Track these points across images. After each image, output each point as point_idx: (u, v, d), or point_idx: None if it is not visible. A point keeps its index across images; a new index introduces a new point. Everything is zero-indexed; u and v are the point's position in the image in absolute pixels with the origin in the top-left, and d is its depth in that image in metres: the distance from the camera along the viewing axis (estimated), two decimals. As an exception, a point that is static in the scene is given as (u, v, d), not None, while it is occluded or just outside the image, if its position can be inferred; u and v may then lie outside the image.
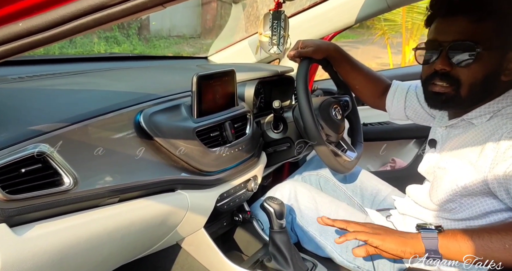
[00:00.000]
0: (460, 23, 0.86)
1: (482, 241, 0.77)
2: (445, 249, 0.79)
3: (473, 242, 0.77)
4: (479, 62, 0.87)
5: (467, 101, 0.92)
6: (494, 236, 0.77)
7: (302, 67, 1.15)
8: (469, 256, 0.76)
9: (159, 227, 0.94)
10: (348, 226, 0.90)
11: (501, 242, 0.76)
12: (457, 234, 0.80)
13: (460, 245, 0.78)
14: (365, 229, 0.87)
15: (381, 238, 0.83)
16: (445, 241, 0.80)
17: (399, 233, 0.86)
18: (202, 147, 1.01)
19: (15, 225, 0.64)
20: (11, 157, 0.65)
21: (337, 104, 1.27)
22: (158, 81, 1.17)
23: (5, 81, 0.94)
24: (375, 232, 0.85)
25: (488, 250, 0.76)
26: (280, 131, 1.28)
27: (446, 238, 0.80)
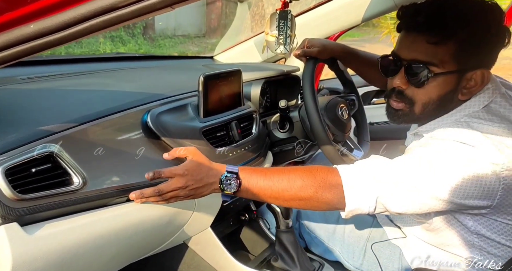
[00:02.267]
0: (420, 43, 0.86)
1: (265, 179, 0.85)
2: (244, 181, 0.85)
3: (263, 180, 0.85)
4: (434, 83, 0.87)
5: (421, 118, 0.94)
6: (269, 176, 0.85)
7: (308, 67, 1.15)
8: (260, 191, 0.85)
9: (166, 227, 0.94)
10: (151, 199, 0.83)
11: (272, 182, 0.84)
12: (255, 171, 0.87)
13: (255, 180, 0.85)
14: (176, 194, 0.83)
15: (192, 193, 0.84)
16: (243, 174, 0.85)
17: (205, 178, 0.85)
18: (209, 147, 1.01)
19: (25, 224, 0.65)
20: (21, 157, 0.66)
21: (343, 104, 1.26)
22: (164, 81, 1.17)
23: (14, 81, 0.95)
24: (186, 193, 0.83)
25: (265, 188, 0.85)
26: (286, 131, 1.28)
27: (245, 172, 0.86)
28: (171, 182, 0.82)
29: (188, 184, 0.83)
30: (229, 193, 0.85)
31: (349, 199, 0.83)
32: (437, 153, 0.81)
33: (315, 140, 1.19)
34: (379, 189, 0.82)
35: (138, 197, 0.81)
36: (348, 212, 0.85)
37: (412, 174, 0.82)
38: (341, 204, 0.85)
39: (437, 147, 0.83)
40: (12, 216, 0.62)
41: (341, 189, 0.84)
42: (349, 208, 0.84)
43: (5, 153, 0.65)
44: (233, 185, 0.85)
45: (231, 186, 0.85)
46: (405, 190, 0.81)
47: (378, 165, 0.86)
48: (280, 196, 0.86)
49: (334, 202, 0.85)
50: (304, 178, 0.85)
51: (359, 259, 1.06)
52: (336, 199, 0.84)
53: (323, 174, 0.86)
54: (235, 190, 0.84)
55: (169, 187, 0.82)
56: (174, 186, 0.82)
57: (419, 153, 0.84)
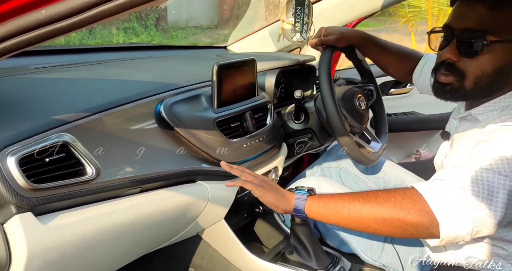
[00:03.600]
0: (477, 9, 0.80)
1: (335, 205, 0.84)
2: (308, 210, 0.87)
3: (329, 206, 0.85)
4: (488, 54, 0.80)
5: (472, 95, 0.87)
6: (340, 203, 0.84)
7: (325, 56, 1.12)
8: (327, 218, 0.87)
9: (179, 218, 0.93)
10: (242, 174, 0.93)
11: (346, 208, 0.83)
12: (322, 198, 0.88)
13: (320, 207, 0.86)
14: (254, 180, 0.91)
15: (263, 190, 0.89)
16: (310, 203, 0.86)
17: (279, 191, 0.91)
18: (223, 138, 0.99)
19: (40, 214, 0.65)
20: (35, 146, 0.65)
21: (361, 94, 1.23)
22: (178, 71, 1.15)
23: (28, 71, 0.94)
24: (261, 184, 0.90)
25: (336, 215, 0.84)
26: (302, 122, 1.26)
27: (312, 200, 0.87)
28: None
29: (263, 179, 0.93)
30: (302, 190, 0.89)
31: (442, 217, 0.73)
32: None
33: (331, 131, 1.16)
34: (471, 200, 0.74)
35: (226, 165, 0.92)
36: (444, 235, 0.75)
37: (499, 176, 0.73)
38: (434, 227, 0.74)
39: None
40: (27, 206, 0.62)
41: (428, 207, 0.75)
42: (444, 229, 0.74)
43: (19, 142, 0.64)
44: (305, 188, 0.90)
45: (304, 188, 0.90)
46: (494, 194, 0.73)
47: (460, 174, 0.77)
48: (352, 213, 0.81)
49: (424, 224, 0.75)
50: (379, 196, 0.80)
51: (377, 251, 1.04)
52: (426, 220, 0.75)
53: (400, 192, 0.79)
54: (308, 189, 0.90)
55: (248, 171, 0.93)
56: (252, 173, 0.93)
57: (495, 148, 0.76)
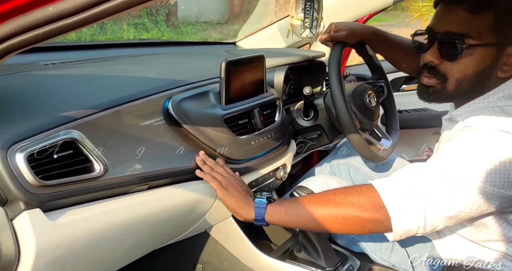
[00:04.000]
0: (457, 12, 0.81)
1: (296, 210, 0.86)
2: (269, 218, 0.89)
3: (290, 212, 0.87)
4: (469, 57, 0.82)
5: (454, 97, 0.88)
6: (301, 207, 0.86)
7: (335, 52, 1.10)
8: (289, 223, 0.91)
9: (187, 215, 0.93)
10: (211, 172, 0.92)
11: (307, 212, 0.85)
12: (282, 204, 0.89)
13: (281, 214, 0.88)
14: (222, 180, 0.91)
15: (226, 194, 0.90)
16: (270, 211, 0.88)
17: (242, 197, 0.91)
18: (231, 135, 0.99)
19: (48, 210, 0.65)
20: (43, 143, 0.65)
21: (371, 90, 1.21)
22: (186, 68, 1.15)
23: (37, 67, 0.94)
24: (226, 186, 0.91)
25: (299, 219, 0.86)
26: (311, 118, 1.25)
27: (272, 208, 0.89)
28: None
29: (231, 181, 0.92)
30: (261, 199, 0.90)
31: (393, 211, 0.77)
32: (476, 143, 0.76)
33: (340, 128, 1.15)
34: (421, 197, 0.77)
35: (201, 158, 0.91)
36: (396, 229, 0.78)
37: (454, 171, 0.76)
38: (388, 222, 0.78)
39: (474, 136, 0.77)
40: (35, 202, 0.62)
41: (380, 201, 0.79)
42: (396, 223, 0.77)
43: (28, 139, 0.64)
44: (265, 195, 0.92)
45: (264, 195, 0.91)
46: (449, 189, 0.75)
47: (415, 170, 0.81)
48: (314, 216, 0.84)
49: (380, 219, 0.79)
50: (336, 195, 0.83)
51: (387, 251, 1.03)
52: (381, 215, 0.79)
53: (357, 190, 0.83)
54: (269, 199, 0.91)
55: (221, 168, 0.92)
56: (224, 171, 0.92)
57: (453, 147, 0.79)
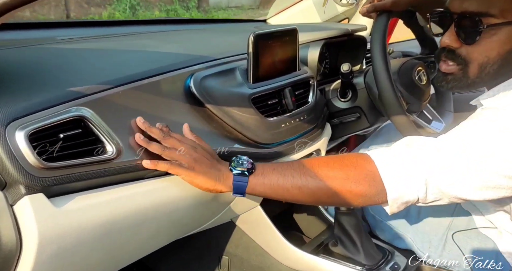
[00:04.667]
0: None
1: (284, 182, 0.74)
2: (251, 191, 0.75)
3: (276, 184, 0.75)
4: (492, 38, 0.72)
5: (478, 84, 0.79)
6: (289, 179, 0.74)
7: (380, 23, 0.97)
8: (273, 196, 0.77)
9: (210, 204, 0.85)
10: (163, 153, 0.71)
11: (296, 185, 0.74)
12: (266, 175, 0.75)
13: (265, 188, 0.75)
14: (182, 160, 0.71)
15: (193, 175, 0.71)
16: (252, 184, 0.74)
17: (213, 170, 0.74)
18: (259, 116, 0.90)
19: (53, 196, 0.58)
20: (48, 120, 0.58)
21: (421, 66, 1.07)
22: (211, 43, 1.06)
23: (53, 41, 0.88)
24: (190, 165, 0.71)
25: (285, 192, 0.75)
26: (348, 99, 1.13)
27: (255, 180, 0.75)
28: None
29: (192, 154, 0.72)
30: (240, 171, 0.74)
31: (389, 185, 0.70)
32: (498, 122, 0.67)
33: (383, 110, 1.03)
34: (426, 169, 0.69)
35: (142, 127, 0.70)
36: (392, 203, 0.72)
37: (472, 150, 0.67)
38: (381, 195, 0.72)
39: (496, 116, 0.68)
40: (38, 186, 0.55)
41: (377, 175, 0.71)
42: (391, 197, 0.71)
43: (30, 115, 0.57)
44: (245, 165, 0.75)
45: (244, 165, 0.75)
46: (465, 169, 0.67)
47: (418, 142, 0.74)
48: (303, 190, 0.74)
49: (371, 193, 0.72)
50: (329, 167, 0.74)
51: (438, 249, 0.91)
52: (374, 189, 0.72)
53: (352, 161, 0.74)
54: (249, 168, 0.74)
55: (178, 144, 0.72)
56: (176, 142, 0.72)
57: (473, 126, 0.71)
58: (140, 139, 0.69)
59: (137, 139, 0.69)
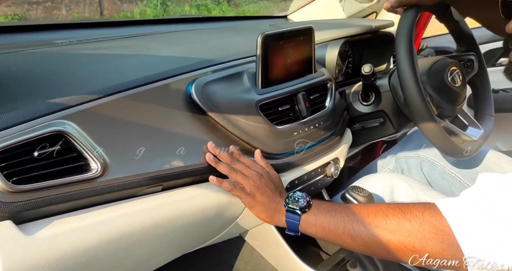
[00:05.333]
0: None
1: (335, 229, 0.70)
2: (304, 231, 0.74)
3: (327, 229, 0.71)
4: None
5: None
6: (341, 225, 0.69)
7: (406, 18, 0.86)
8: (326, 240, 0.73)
9: (214, 220, 0.78)
10: (230, 174, 0.74)
11: (348, 233, 0.69)
12: (319, 217, 0.72)
13: (317, 231, 0.72)
14: (246, 184, 0.74)
15: (252, 203, 0.74)
16: (304, 224, 0.73)
17: (271, 204, 0.75)
18: (267, 124, 0.82)
19: (25, 221, 0.54)
20: (19, 137, 0.53)
21: (455, 66, 0.95)
22: (218, 45, 0.98)
23: (49, 45, 0.84)
24: (252, 192, 0.74)
25: (337, 240, 0.71)
26: (371, 103, 1.02)
27: (307, 220, 0.73)
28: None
29: (256, 182, 0.74)
30: (293, 209, 0.73)
31: (470, 253, 0.58)
32: None
33: (410, 115, 0.92)
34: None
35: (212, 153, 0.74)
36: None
37: None
38: (457, 258, 0.60)
39: None
40: (4, 213, 0.50)
41: (451, 237, 0.59)
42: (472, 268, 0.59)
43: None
44: (300, 203, 0.74)
45: (299, 203, 0.74)
46: None
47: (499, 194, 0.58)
48: (356, 239, 0.67)
49: (443, 255, 0.61)
50: (388, 218, 0.65)
51: None
52: (447, 253, 0.60)
53: (417, 215, 0.63)
54: (302, 206, 0.73)
55: (244, 169, 0.75)
56: (244, 168, 0.75)
57: None
58: (210, 158, 0.73)
59: (208, 159, 0.72)
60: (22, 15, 4.51)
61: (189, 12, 5.61)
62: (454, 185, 1.08)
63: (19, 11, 4.55)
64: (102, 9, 5.02)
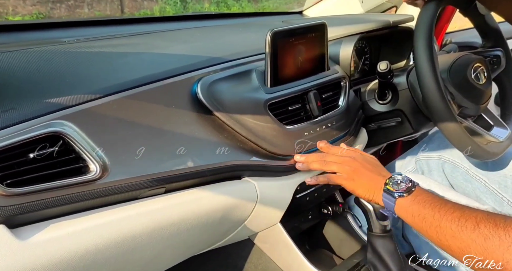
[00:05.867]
0: None
1: (424, 221, 0.65)
2: (398, 213, 0.70)
3: (418, 218, 0.66)
4: None
5: None
6: (429, 219, 0.65)
7: (426, 11, 0.81)
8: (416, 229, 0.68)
9: (220, 223, 0.76)
10: (323, 165, 0.76)
11: (434, 229, 0.64)
12: (413, 204, 0.68)
13: (407, 216, 0.68)
14: (341, 171, 0.75)
15: (354, 186, 0.75)
16: (399, 208, 0.70)
17: (372, 183, 0.74)
18: (276, 124, 0.78)
19: (20, 225, 0.52)
20: (14, 139, 0.51)
21: (480, 62, 0.89)
22: (228, 42, 0.95)
23: (55, 43, 0.83)
24: (349, 176, 0.75)
25: (424, 232, 0.66)
26: (388, 101, 0.97)
27: (401, 204, 0.69)
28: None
29: (353, 162, 0.75)
30: (389, 192, 0.70)
31: None
32: None
33: (429, 114, 0.87)
34: None
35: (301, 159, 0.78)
36: None
37: None
38: None
39: None
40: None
41: None
42: None
43: (-8, 134, 0.51)
44: (402, 186, 0.70)
45: (400, 186, 0.70)
46: None
47: None
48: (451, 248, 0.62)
49: None
50: (481, 230, 0.58)
51: None
52: None
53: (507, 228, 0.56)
54: (400, 191, 0.69)
55: (336, 158, 0.76)
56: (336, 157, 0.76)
57: None
58: (300, 166, 0.78)
59: (299, 167, 0.78)
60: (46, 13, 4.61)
61: (208, 9, 5.60)
62: (479, 188, 1.02)
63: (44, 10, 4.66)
64: (123, 7, 5.08)
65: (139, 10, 5.14)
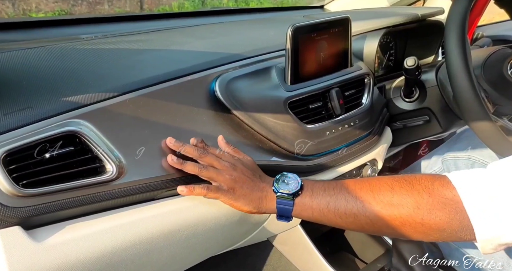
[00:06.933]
0: None
1: (335, 208, 0.62)
2: (297, 215, 0.65)
3: (326, 211, 0.63)
4: None
5: None
6: (343, 203, 0.62)
7: (459, 4, 0.76)
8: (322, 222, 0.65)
9: (238, 225, 0.74)
10: (201, 173, 0.63)
11: (350, 211, 0.61)
12: (314, 198, 0.64)
13: (313, 212, 0.64)
14: (222, 181, 0.64)
15: (233, 198, 0.64)
16: (299, 208, 0.64)
17: (255, 192, 0.65)
18: (297, 123, 0.76)
19: (35, 227, 0.51)
20: (30, 139, 0.50)
21: None
22: (247, 38, 0.93)
23: (72, 40, 0.82)
24: (230, 188, 0.64)
25: (336, 219, 0.63)
26: (415, 99, 0.93)
27: (301, 204, 0.64)
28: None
29: (232, 175, 0.64)
30: (285, 194, 0.64)
31: (478, 223, 0.54)
32: None
33: (460, 112, 0.82)
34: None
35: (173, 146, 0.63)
36: (484, 244, 0.55)
37: None
38: (467, 231, 0.56)
39: None
40: (12, 218, 0.48)
41: (460, 207, 0.55)
42: (481, 237, 0.54)
43: (7, 133, 0.50)
44: (291, 185, 0.65)
45: (290, 186, 0.65)
46: None
47: None
48: (359, 218, 0.61)
49: (453, 227, 0.56)
50: (394, 192, 0.59)
51: None
52: (456, 223, 0.56)
53: (426, 185, 0.58)
54: (295, 190, 0.64)
55: (215, 161, 0.65)
56: (215, 161, 0.65)
57: None
58: (173, 161, 0.62)
59: (170, 161, 0.62)
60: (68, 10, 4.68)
61: (226, 5, 5.57)
62: (509, 191, 0.96)
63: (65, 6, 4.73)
64: (142, 3, 5.12)
65: (158, 6, 5.17)
